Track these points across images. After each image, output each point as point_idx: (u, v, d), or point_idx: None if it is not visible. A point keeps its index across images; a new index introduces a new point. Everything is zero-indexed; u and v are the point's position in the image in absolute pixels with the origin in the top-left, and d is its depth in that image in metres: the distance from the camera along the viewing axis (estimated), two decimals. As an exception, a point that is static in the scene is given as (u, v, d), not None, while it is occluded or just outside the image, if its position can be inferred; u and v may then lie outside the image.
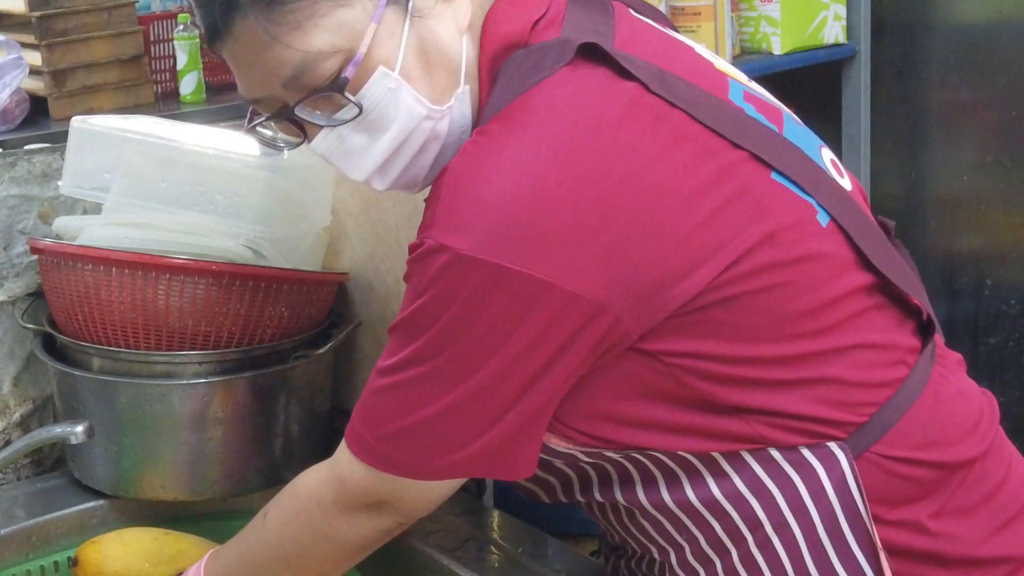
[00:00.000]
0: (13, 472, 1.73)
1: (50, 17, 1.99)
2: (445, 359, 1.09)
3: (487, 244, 1.04)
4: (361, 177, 1.17)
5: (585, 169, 1.06)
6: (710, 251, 1.08)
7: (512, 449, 1.12)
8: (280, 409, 1.62)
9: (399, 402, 1.12)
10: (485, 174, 1.05)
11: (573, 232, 1.04)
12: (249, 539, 1.30)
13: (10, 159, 1.69)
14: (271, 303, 1.57)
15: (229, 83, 2.29)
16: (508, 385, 1.09)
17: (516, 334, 1.06)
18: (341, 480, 1.19)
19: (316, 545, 1.24)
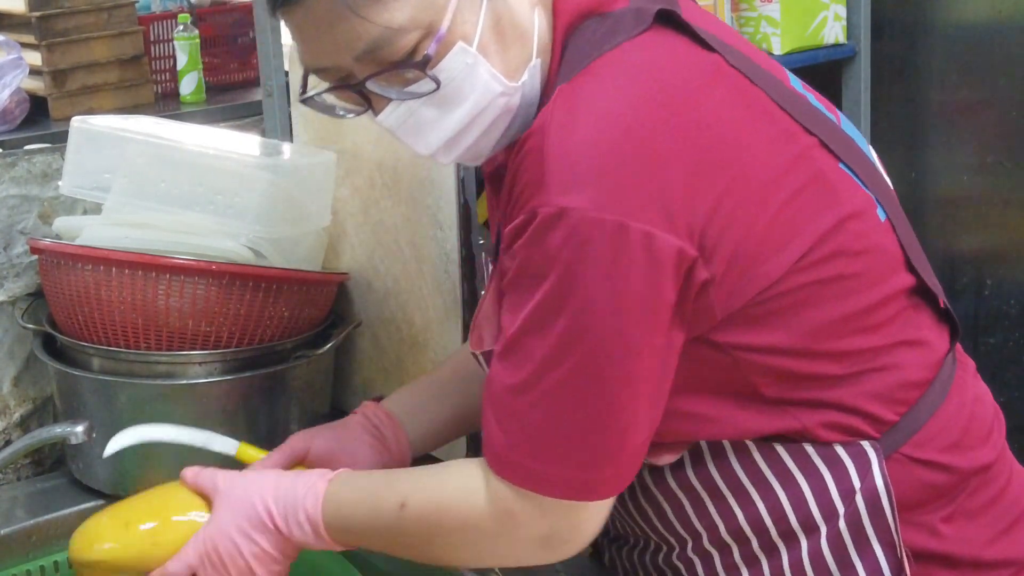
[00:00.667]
0: (13, 472, 1.73)
1: (50, 17, 2.00)
2: (587, 347, 1.04)
3: (606, 200, 1.01)
4: (427, 151, 1.15)
5: (683, 124, 1.05)
6: (791, 234, 1.08)
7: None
8: (280, 409, 1.62)
9: (557, 417, 1.07)
10: (586, 128, 1.03)
11: (679, 186, 1.03)
12: (380, 516, 1.20)
13: (10, 159, 1.69)
14: (271, 303, 1.56)
15: (229, 83, 2.29)
16: (652, 361, 1.06)
17: (643, 296, 1.03)
18: (511, 515, 1.11)
19: (469, 558, 1.22)
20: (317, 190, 1.67)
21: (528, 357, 1.06)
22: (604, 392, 1.05)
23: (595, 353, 1.04)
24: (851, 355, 1.12)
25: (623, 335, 1.04)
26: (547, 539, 1.12)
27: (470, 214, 1.56)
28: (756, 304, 1.08)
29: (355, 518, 1.21)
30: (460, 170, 1.54)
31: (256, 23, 1.86)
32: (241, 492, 1.26)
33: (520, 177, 1.06)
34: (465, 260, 1.57)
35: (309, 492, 1.22)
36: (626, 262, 1.01)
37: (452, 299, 1.59)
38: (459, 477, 1.15)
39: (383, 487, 1.19)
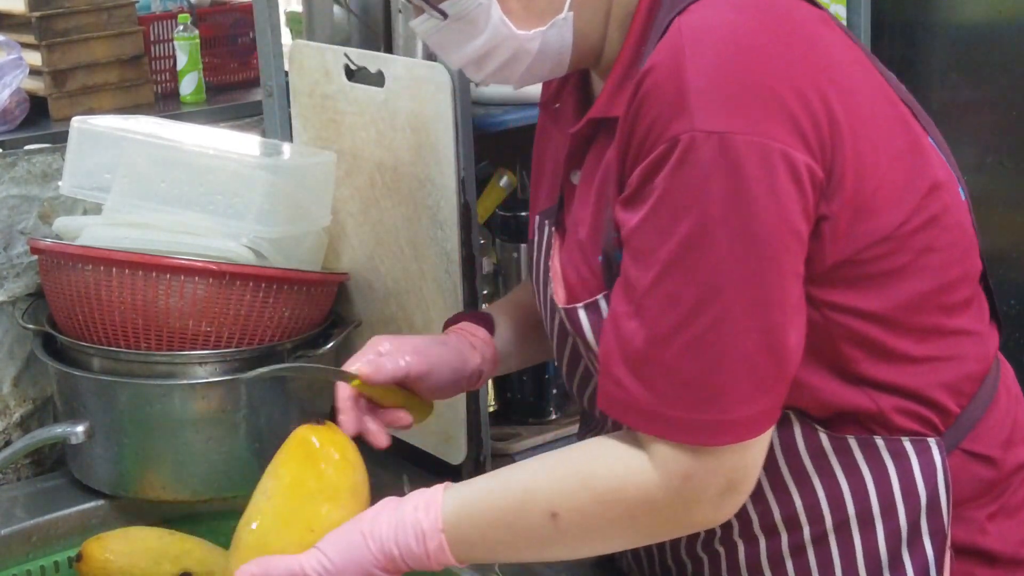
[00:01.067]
0: (13, 472, 1.73)
1: (50, 17, 1.99)
2: (744, 275, 1.01)
3: (749, 123, 1.00)
4: (454, 68, 1.19)
5: (809, 55, 1.04)
6: (897, 193, 1.08)
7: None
8: (280, 409, 1.62)
9: (716, 358, 1.02)
10: (721, 53, 1.01)
11: (810, 115, 1.02)
12: (530, 534, 1.13)
13: (10, 159, 1.69)
14: (271, 303, 1.57)
15: (229, 83, 2.29)
16: (799, 290, 1.04)
17: (790, 219, 1.02)
18: (687, 478, 1.05)
19: (637, 539, 1.16)
20: (317, 190, 1.67)
21: (674, 301, 1.02)
22: (761, 321, 1.02)
23: (751, 282, 1.01)
24: (930, 335, 1.12)
25: (778, 260, 1.02)
26: (726, 491, 1.07)
27: (470, 214, 1.56)
28: (856, 263, 1.07)
29: (487, 542, 1.14)
30: (460, 170, 1.54)
31: (256, 23, 1.86)
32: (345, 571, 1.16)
33: (644, 116, 1.03)
34: (465, 260, 1.57)
35: (427, 538, 1.14)
36: (777, 184, 1.00)
37: (452, 299, 1.59)
38: (608, 461, 1.09)
39: (516, 508, 1.12)
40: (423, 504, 1.15)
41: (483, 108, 1.69)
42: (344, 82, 1.68)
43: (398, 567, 1.15)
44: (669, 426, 1.05)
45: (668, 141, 1.01)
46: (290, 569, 1.15)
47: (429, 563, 1.15)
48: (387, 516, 1.16)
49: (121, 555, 1.51)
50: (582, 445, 1.16)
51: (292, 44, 1.83)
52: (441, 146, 1.54)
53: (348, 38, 1.85)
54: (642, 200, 1.04)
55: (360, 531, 1.16)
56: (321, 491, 1.20)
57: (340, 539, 1.16)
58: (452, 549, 1.13)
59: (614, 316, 1.07)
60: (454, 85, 1.51)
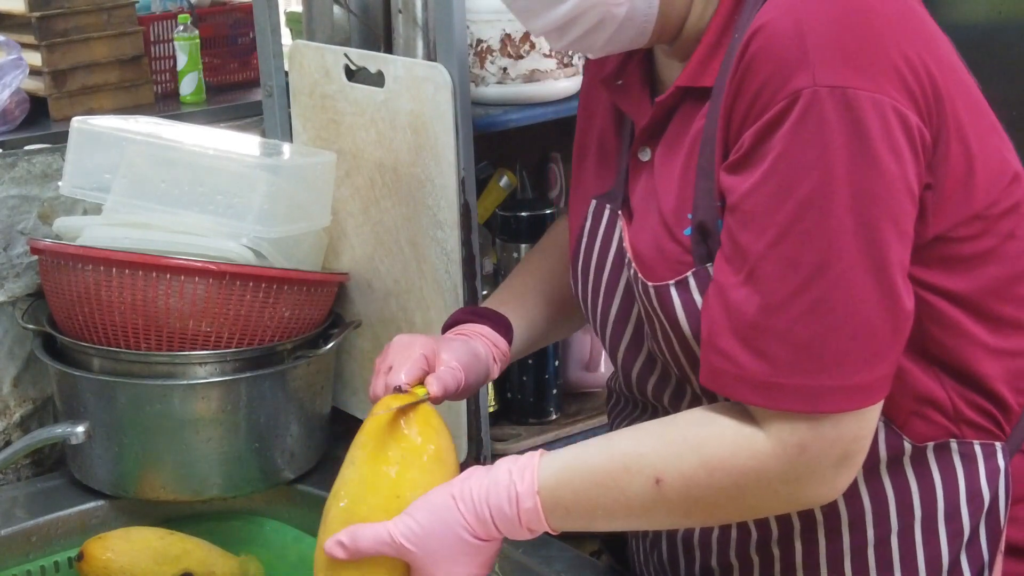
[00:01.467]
0: (13, 472, 1.73)
1: (50, 18, 1.99)
2: (867, 235, 0.99)
3: (867, 78, 0.98)
4: (535, 32, 1.17)
5: (915, 17, 1.05)
6: (991, 170, 1.08)
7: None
8: (280, 409, 1.62)
9: (837, 322, 1.00)
10: (832, 8, 1.01)
11: (920, 77, 1.01)
12: (630, 500, 1.09)
13: (10, 159, 1.69)
14: (271, 303, 1.56)
15: (229, 83, 2.29)
16: (907, 254, 1.03)
17: (907, 176, 1.01)
18: (802, 448, 1.02)
19: (745, 511, 1.11)
20: (317, 190, 1.67)
21: (792, 264, 0.99)
22: (881, 284, 1.00)
23: (872, 243, 0.99)
24: (1004, 326, 1.12)
25: (897, 221, 1.00)
26: (840, 463, 1.04)
27: (470, 214, 1.56)
28: (949, 240, 1.06)
29: (584, 507, 1.10)
30: (460, 170, 1.54)
31: (256, 23, 1.86)
32: (433, 537, 1.12)
33: (755, 76, 1.01)
34: (465, 260, 1.57)
35: (520, 500, 1.11)
36: (897, 143, 0.99)
37: (453, 299, 1.59)
38: (718, 428, 1.06)
39: (619, 470, 1.08)
40: (518, 467, 1.11)
41: (483, 108, 1.69)
42: (344, 82, 1.68)
43: (488, 531, 1.11)
44: (786, 395, 1.01)
45: (787, 97, 0.99)
46: (378, 534, 1.12)
47: (520, 528, 1.11)
48: (478, 479, 1.12)
49: (122, 555, 1.51)
50: (690, 412, 1.11)
51: (292, 44, 1.83)
52: (441, 146, 1.54)
53: (348, 38, 1.85)
54: (756, 162, 1.01)
55: (450, 493, 1.12)
56: (404, 457, 1.17)
57: (428, 502, 1.13)
58: (547, 513, 1.10)
59: (720, 287, 1.04)
60: (454, 85, 1.51)
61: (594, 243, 1.25)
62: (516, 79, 1.69)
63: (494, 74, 1.69)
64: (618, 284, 1.22)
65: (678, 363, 1.16)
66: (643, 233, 1.17)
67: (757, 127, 1.01)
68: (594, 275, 1.25)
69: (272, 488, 1.66)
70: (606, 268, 1.24)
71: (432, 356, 1.28)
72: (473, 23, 1.66)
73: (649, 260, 1.14)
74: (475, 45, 1.68)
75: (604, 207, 1.25)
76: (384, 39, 1.81)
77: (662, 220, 1.14)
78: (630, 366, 1.25)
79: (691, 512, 1.09)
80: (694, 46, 1.15)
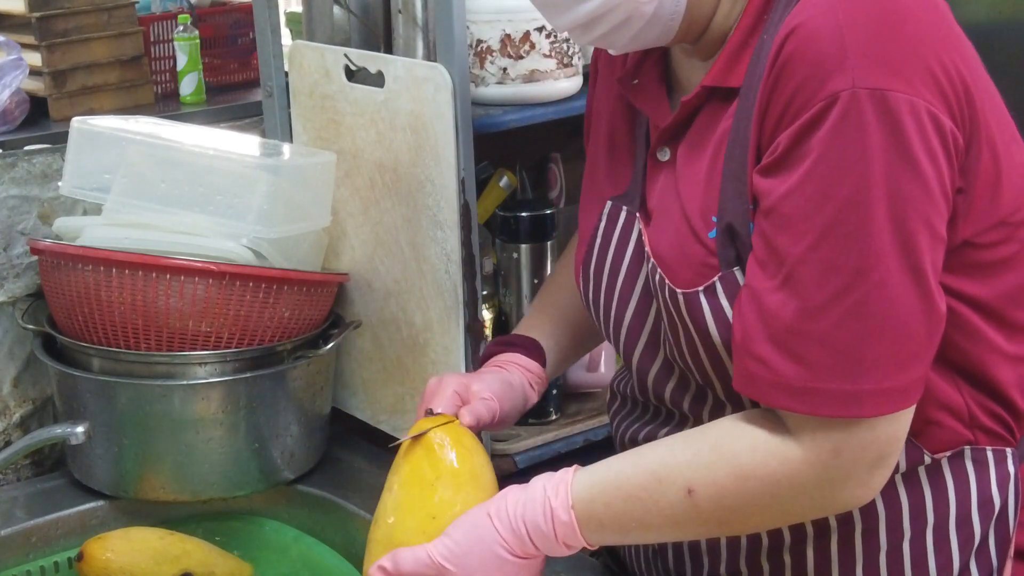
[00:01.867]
0: (13, 473, 1.73)
1: (50, 18, 2.00)
2: (905, 237, 0.99)
3: (903, 80, 0.98)
4: (559, 29, 1.16)
5: (948, 20, 1.04)
6: (1017, 175, 1.08)
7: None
8: (280, 410, 1.62)
9: (875, 325, 0.99)
10: (864, 9, 1.00)
11: (952, 79, 1.02)
12: (663, 511, 1.09)
13: (10, 160, 1.69)
14: (271, 304, 1.56)
15: (229, 84, 2.29)
16: (942, 248, 1.03)
17: (941, 179, 1.01)
18: (836, 453, 1.02)
19: (778, 519, 1.11)
20: (317, 190, 1.67)
21: (832, 267, 0.99)
22: (918, 286, 1.00)
23: (910, 245, 0.99)
24: (1020, 331, 1.12)
25: (932, 224, 1.00)
26: (876, 462, 1.03)
27: (470, 215, 1.56)
28: (974, 246, 1.06)
29: (619, 520, 1.10)
30: (460, 171, 1.54)
31: (256, 24, 1.86)
32: (472, 556, 1.13)
33: (790, 78, 1.01)
34: (465, 260, 1.57)
35: (555, 515, 1.11)
36: (932, 146, 0.99)
37: (452, 300, 1.59)
38: (748, 436, 1.06)
39: (651, 481, 1.09)
40: (552, 483, 1.12)
41: (483, 108, 1.69)
42: (344, 82, 1.68)
43: (525, 547, 1.12)
44: (824, 400, 1.01)
45: (825, 99, 0.98)
46: (417, 557, 1.13)
47: (557, 544, 1.11)
48: (514, 496, 1.13)
49: (122, 555, 1.51)
50: (719, 422, 1.10)
51: (292, 44, 1.83)
52: (441, 146, 1.54)
53: (348, 39, 1.85)
54: (793, 164, 1.01)
55: (486, 512, 1.13)
56: (439, 478, 1.18)
57: (466, 521, 1.14)
58: (582, 527, 1.10)
59: (754, 292, 1.04)
60: (454, 86, 1.51)
61: (608, 245, 1.24)
62: (516, 79, 1.69)
63: (494, 74, 1.69)
64: (634, 287, 1.21)
65: (701, 369, 1.14)
66: (664, 235, 1.16)
67: (794, 129, 1.00)
68: (608, 278, 1.24)
69: (272, 488, 1.66)
70: (621, 271, 1.23)
71: (464, 391, 1.29)
72: (473, 23, 1.66)
73: (672, 263, 1.14)
74: (475, 45, 1.68)
75: (620, 209, 1.24)
76: (384, 39, 1.81)
77: (687, 222, 1.12)
78: (647, 370, 1.23)
79: (725, 522, 1.08)
80: (718, 46, 1.14)
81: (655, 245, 1.16)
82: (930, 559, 1.14)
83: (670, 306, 1.14)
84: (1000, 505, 1.15)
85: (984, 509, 1.14)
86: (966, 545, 1.14)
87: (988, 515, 1.15)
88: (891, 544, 1.14)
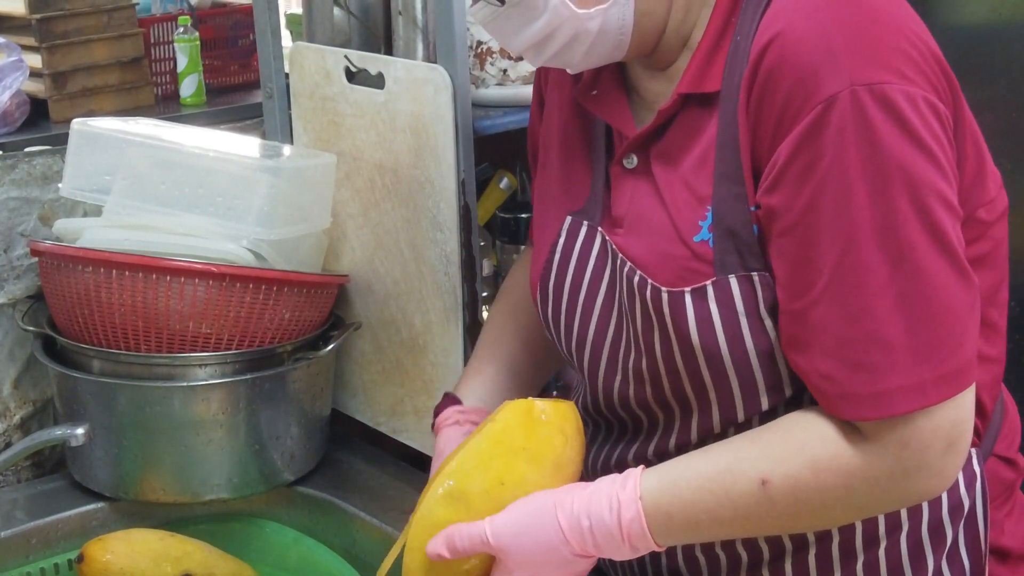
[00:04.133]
0: (13, 474, 1.73)
1: (50, 20, 2.00)
2: (930, 222, 0.99)
3: (897, 75, 0.99)
4: (512, 52, 1.17)
5: (916, 18, 1.05)
6: (990, 169, 1.10)
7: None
8: (280, 411, 1.62)
9: (921, 315, 0.99)
10: (853, 9, 1.01)
11: (930, 67, 1.02)
12: (735, 502, 1.07)
13: (10, 161, 1.69)
14: (271, 305, 1.56)
15: (229, 85, 2.29)
16: (959, 226, 1.03)
17: (948, 159, 1.02)
18: (904, 445, 1.01)
19: (852, 513, 1.09)
20: (317, 192, 1.67)
21: (867, 267, 0.99)
22: (953, 265, 1.00)
23: (937, 228, 0.99)
24: (988, 332, 1.12)
25: (950, 205, 1.01)
26: (946, 451, 1.02)
27: (470, 216, 1.56)
28: None
29: (689, 513, 1.08)
30: (460, 172, 1.54)
31: (256, 25, 1.86)
32: (526, 537, 1.11)
33: (779, 85, 1.01)
34: (465, 262, 1.57)
35: (622, 508, 1.09)
36: (936, 131, 1.00)
37: (452, 301, 1.59)
38: (820, 428, 1.05)
39: (722, 472, 1.07)
40: (621, 477, 1.10)
41: (483, 110, 1.69)
42: (344, 84, 1.68)
43: (584, 543, 1.09)
44: (889, 401, 1.00)
45: (822, 103, 0.98)
46: (473, 535, 1.11)
47: (622, 540, 1.08)
48: (581, 489, 1.11)
49: (122, 556, 1.51)
50: (792, 415, 1.08)
51: (292, 46, 1.83)
52: (441, 148, 1.54)
53: (348, 40, 1.85)
54: (803, 176, 1.00)
55: (552, 499, 1.11)
56: (526, 449, 1.15)
57: (531, 503, 1.11)
58: (650, 521, 1.07)
59: (794, 315, 1.03)
60: (454, 87, 1.51)
61: (569, 260, 1.23)
62: (516, 80, 1.69)
63: (494, 76, 1.69)
64: (596, 300, 1.21)
65: (674, 375, 1.13)
66: (641, 239, 1.15)
67: (793, 138, 1.00)
68: (569, 293, 1.23)
69: (272, 490, 1.66)
70: (583, 285, 1.22)
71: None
72: (473, 25, 1.66)
73: (651, 265, 1.13)
74: (475, 47, 1.68)
75: (581, 224, 1.23)
76: (384, 41, 1.81)
77: (670, 225, 1.12)
78: (611, 385, 1.22)
79: (799, 515, 1.06)
80: (676, 53, 1.15)
81: (629, 250, 1.16)
82: (906, 566, 1.14)
83: (650, 307, 1.12)
84: (969, 506, 1.15)
85: (955, 512, 1.14)
86: (938, 549, 1.14)
87: (958, 517, 1.15)
88: (868, 555, 1.14)
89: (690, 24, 1.13)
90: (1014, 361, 1.28)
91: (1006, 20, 2.23)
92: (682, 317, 1.09)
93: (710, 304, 1.08)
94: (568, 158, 1.27)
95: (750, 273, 1.06)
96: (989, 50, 2.26)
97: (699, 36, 1.12)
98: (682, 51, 1.14)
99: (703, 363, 1.09)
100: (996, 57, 2.25)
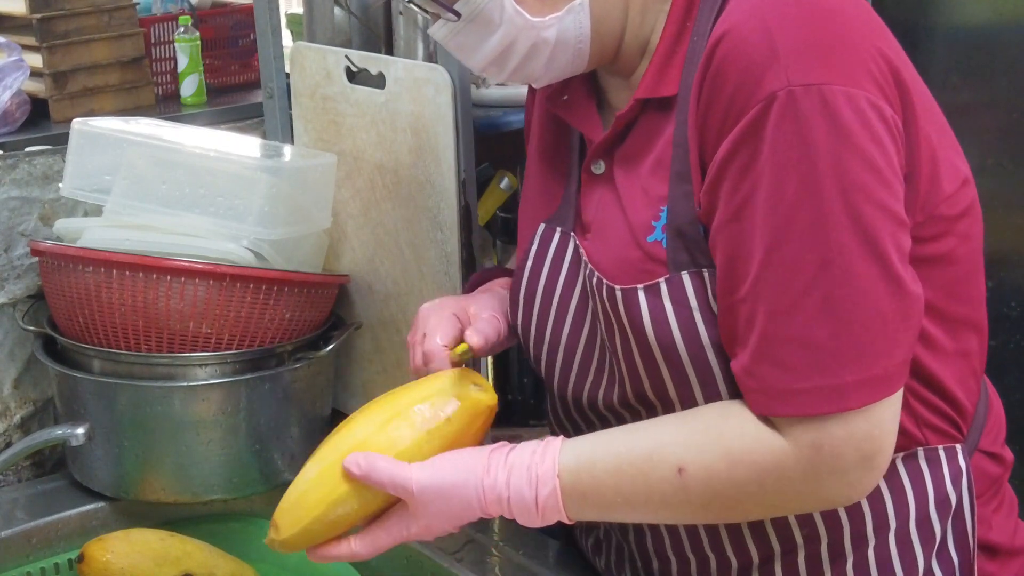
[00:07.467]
0: (14, 474, 1.73)
1: (51, 19, 2.00)
2: (863, 226, 0.98)
3: (838, 73, 0.98)
4: (475, 70, 1.18)
5: (869, 17, 1.05)
6: (950, 166, 1.09)
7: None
8: (280, 411, 1.62)
9: (847, 317, 0.99)
10: (796, 8, 1.01)
11: (881, 67, 1.02)
12: (651, 487, 1.08)
13: (11, 161, 1.69)
14: (272, 305, 1.57)
15: (230, 85, 2.29)
16: (906, 232, 1.03)
17: (891, 164, 1.01)
18: (817, 449, 1.01)
19: (764, 509, 1.09)
20: (318, 192, 1.67)
21: (794, 267, 0.99)
22: (884, 271, 1.00)
23: (869, 232, 0.99)
24: (960, 328, 1.13)
25: (889, 209, 1.00)
26: (861, 461, 1.02)
27: (471, 216, 1.56)
28: (914, 241, 1.05)
29: (604, 494, 1.09)
30: (461, 172, 1.54)
31: (257, 25, 1.86)
32: (448, 494, 1.12)
33: (725, 83, 1.01)
34: (466, 262, 1.57)
35: (539, 483, 1.10)
36: (877, 133, 0.99)
37: (453, 301, 1.59)
38: (740, 421, 1.05)
39: (641, 458, 1.07)
40: (541, 449, 1.11)
41: (483, 110, 1.69)
42: (345, 84, 1.68)
43: (501, 510, 1.11)
44: (804, 400, 1.00)
45: (763, 100, 0.99)
46: (394, 475, 1.11)
47: (536, 513, 1.10)
48: (503, 456, 1.11)
49: (122, 556, 1.51)
50: (715, 405, 1.09)
51: (293, 46, 1.83)
52: (441, 148, 1.54)
53: (349, 40, 1.85)
54: (739, 173, 1.01)
55: (478, 462, 1.11)
56: (429, 396, 1.16)
57: (456, 463, 1.12)
58: (565, 499, 1.09)
59: (726, 309, 1.04)
60: (454, 87, 1.51)
61: (541, 268, 1.24)
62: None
63: (495, 76, 1.69)
64: (569, 306, 1.21)
65: (634, 373, 1.14)
66: (604, 244, 1.16)
67: (734, 135, 1.01)
68: (541, 299, 1.24)
69: (272, 490, 1.66)
70: (556, 291, 1.22)
71: (463, 313, 1.28)
72: (474, 25, 1.66)
73: (610, 268, 1.14)
74: (476, 47, 1.68)
75: (554, 230, 1.24)
76: (385, 41, 1.82)
77: (629, 229, 1.13)
78: (581, 388, 1.22)
79: (711, 505, 1.07)
80: (638, 60, 1.15)
81: (593, 255, 1.17)
82: (895, 564, 1.14)
83: (607, 305, 1.13)
84: (956, 502, 1.15)
85: (942, 508, 1.14)
86: (927, 545, 1.14)
87: (946, 513, 1.15)
88: (857, 555, 1.14)
89: (648, 29, 1.14)
90: (1014, 361, 1.28)
91: (1007, 20, 2.23)
92: (637, 314, 1.10)
93: (664, 300, 1.08)
94: (544, 161, 1.28)
95: (701, 269, 1.07)
96: (990, 50, 2.26)
97: (656, 41, 1.13)
98: (642, 57, 1.15)
99: (660, 360, 1.10)
100: (997, 57, 2.25)
